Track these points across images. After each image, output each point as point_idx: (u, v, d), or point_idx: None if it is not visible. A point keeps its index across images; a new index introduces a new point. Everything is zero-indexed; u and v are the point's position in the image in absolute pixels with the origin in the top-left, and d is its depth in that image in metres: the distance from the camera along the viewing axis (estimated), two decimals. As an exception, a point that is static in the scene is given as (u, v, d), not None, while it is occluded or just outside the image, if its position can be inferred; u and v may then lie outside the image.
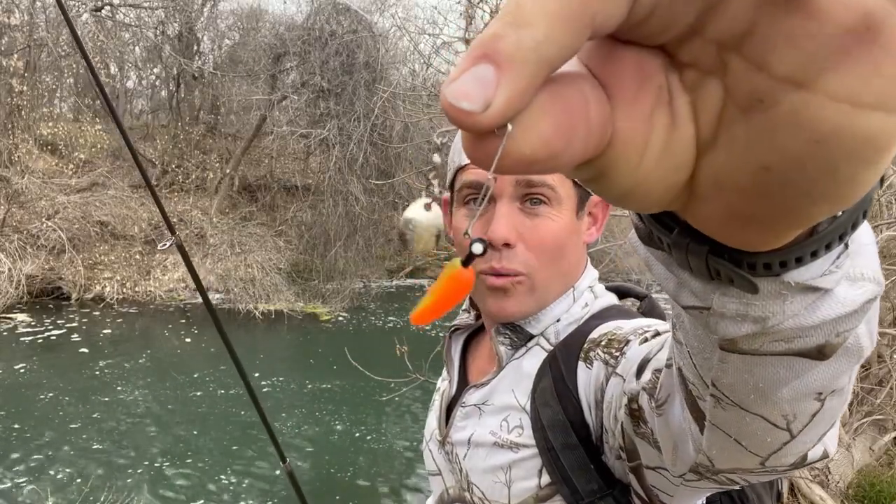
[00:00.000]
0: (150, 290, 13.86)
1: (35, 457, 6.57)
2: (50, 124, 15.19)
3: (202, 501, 5.95)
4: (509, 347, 0.86)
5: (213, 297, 13.96)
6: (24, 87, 13.78)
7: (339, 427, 7.80)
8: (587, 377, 0.76)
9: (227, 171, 16.66)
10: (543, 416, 0.77)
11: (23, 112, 14.27)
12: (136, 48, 18.24)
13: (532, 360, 0.83)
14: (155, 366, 9.79)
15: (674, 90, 0.23)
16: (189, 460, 6.72)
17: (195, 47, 17.56)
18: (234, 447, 7.09)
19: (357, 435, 7.60)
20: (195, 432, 7.45)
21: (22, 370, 9.11)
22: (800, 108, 0.20)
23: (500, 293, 0.82)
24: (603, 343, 0.75)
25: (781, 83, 0.20)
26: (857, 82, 0.19)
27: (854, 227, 0.29)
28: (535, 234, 0.81)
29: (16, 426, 7.25)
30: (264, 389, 8.86)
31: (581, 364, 0.77)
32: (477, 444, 0.86)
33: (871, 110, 0.19)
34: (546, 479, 0.78)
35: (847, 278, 0.32)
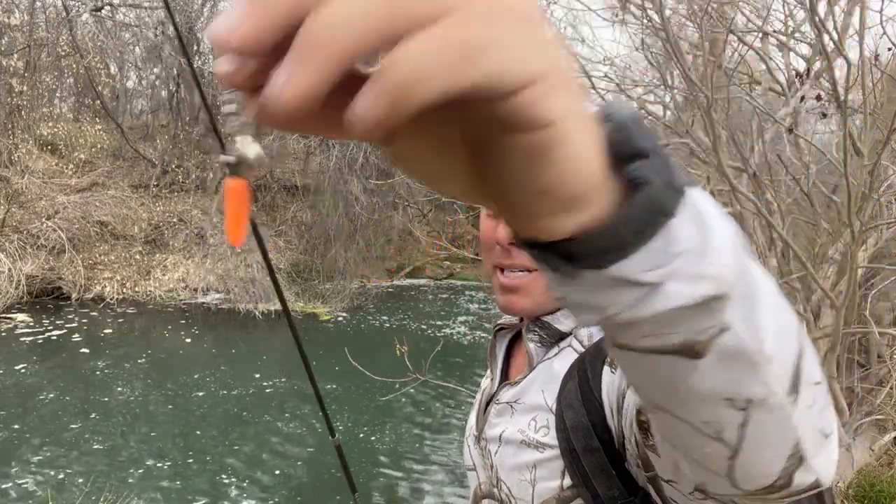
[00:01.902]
0: (149, 290, 13.86)
1: (35, 457, 6.57)
2: (50, 124, 15.20)
3: (203, 501, 5.95)
4: (539, 345, 0.87)
5: (213, 298, 13.98)
6: (24, 87, 13.78)
7: (340, 427, 7.81)
8: (610, 381, 0.75)
9: (227, 171, 16.64)
10: (567, 417, 0.77)
11: (23, 112, 14.27)
12: (136, 48, 18.25)
13: (563, 362, 0.83)
14: (155, 366, 9.79)
15: (442, 125, 0.30)
16: (190, 461, 6.72)
17: (195, 47, 17.56)
18: (235, 447, 7.09)
19: (361, 435, 7.60)
20: (197, 432, 7.45)
21: (22, 370, 9.11)
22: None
23: (511, 291, 0.84)
24: None
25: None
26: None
27: (652, 225, 0.32)
28: None
29: (16, 426, 7.25)
30: (267, 390, 8.87)
31: (606, 368, 0.76)
32: (507, 441, 0.87)
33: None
34: (568, 481, 0.78)
35: (681, 276, 0.33)
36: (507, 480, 0.86)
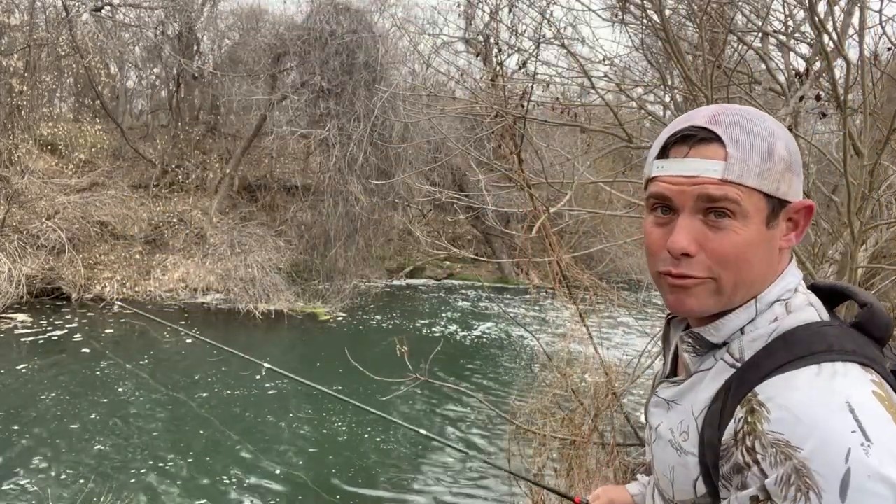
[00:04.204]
0: (150, 290, 13.86)
1: (35, 457, 6.57)
2: (50, 124, 15.20)
3: (203, 501, 5.95)
4: (693, 354, 0.89)
5: (213, 298, 13.98)
6: (24, 87, 13.78)
7: (342, 428, 7.81)
8: (729, 432, 0.78)
9: (227, 171, 16.66)
10: (705, 433, 0.82)
11: (23, 112, 14.27)
12: (136, 48, 18.25)
13: (717, 379, 0.84)
14: (155, 366, 9.79)
15: None
16: (191, 461, 6.72)
17: (195, 47, 17.56)
18: (237, 447, 7.09)
19: (366, 436, 7.61)
20: (200, 432, 7.45)
21: (22, 370, 9.11)
22: None
23: (681, 290, 0.85)
24: (747, 442, 0.75)
25: None
26: None
27: None
28: (719, 246, 0.81)
29: (16, 426, 7.25)
30: (269, 392, 8.86)
31: (731, 423, 0.78)
32: (659, 435, 0.93)
33: None
34: (702, 488, 0.83)
35: None
36: (657, 469, 0.94)
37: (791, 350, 0.78)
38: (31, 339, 10.59)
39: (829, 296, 0.88)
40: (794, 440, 0.69)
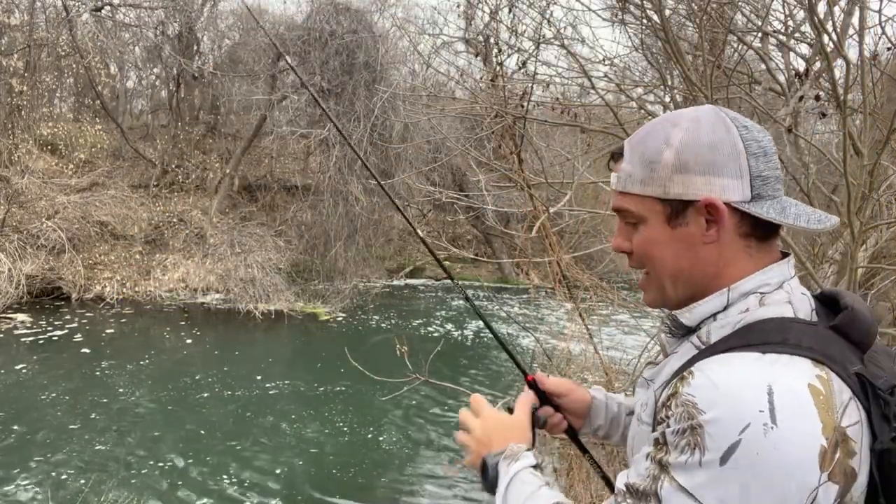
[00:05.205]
0: (150, 291, 13.86)
1: (35, 457, 6.57)
2: (50, 124, 15.20)
3: (204, 501, 5.95)
4: (669, 335, 0.95)
5: (213, 298, 13.98)
6: (24, 87, 13.78)
7: (344, 428, 7.81)
8: (662, 397, 0.83)
9: (227, 171, 16.66)
10: (659, 401, 0.85)
11: (23, 112, 14.27)
12: (136, 48, 18.26)
13: (682, 359, 0.88)
14: (156, 366, 9.79)
15: None
16: (191, 461, 6.72)
17: (195, 47, 17.56)
18: (237, 448, 7.09)
19: (369, 436, 7.60)
20: (201, 432, 7.45)
21: (22, 370, 9.11)
22: None
23: (642, 285, 0.96)
24: (671, 406, 0.78)
25: None
26: None
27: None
28: (635, 245, 0.93)
29: (16, 426, 7.26)
30: (270, 392, 8.86)
31: (666, 389, 0.82)
32: (636, 412, 0.98)
33: None
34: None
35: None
36: (628, 442, 1.00)
37: (746, 337, 0.80)
38: (31, 339, 10.59)
39: (831, 302, 0.89)
40: (701, 403, 0.72)
